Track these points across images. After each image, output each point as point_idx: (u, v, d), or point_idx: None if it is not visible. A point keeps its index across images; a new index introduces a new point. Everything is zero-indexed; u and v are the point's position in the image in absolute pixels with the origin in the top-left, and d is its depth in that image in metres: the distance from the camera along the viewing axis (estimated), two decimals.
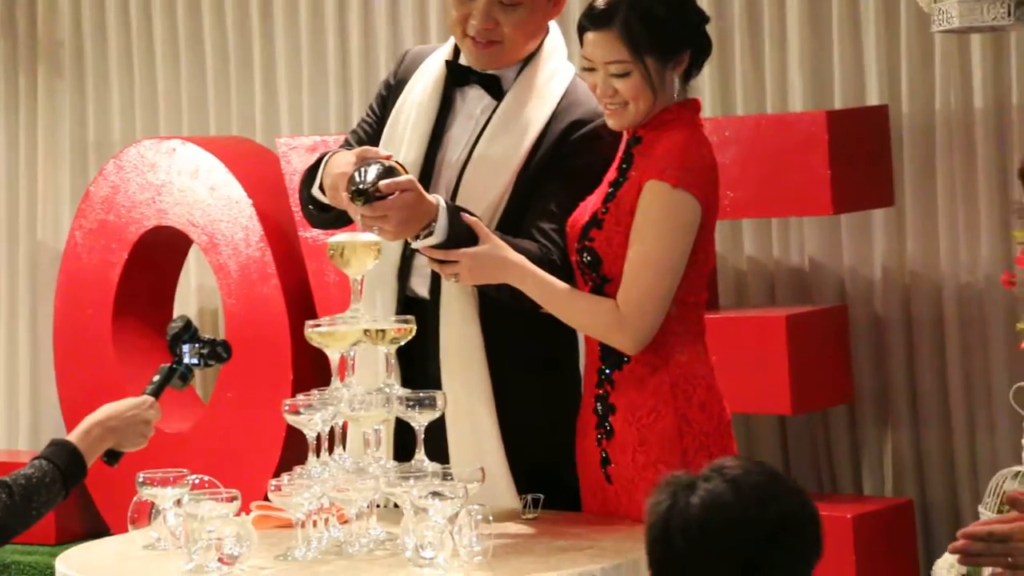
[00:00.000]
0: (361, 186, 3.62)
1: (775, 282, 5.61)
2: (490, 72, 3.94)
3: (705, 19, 3.83)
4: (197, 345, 3.73)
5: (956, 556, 4.54)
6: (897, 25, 5.43)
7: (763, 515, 2.61)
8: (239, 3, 6.48)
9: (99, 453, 3.63)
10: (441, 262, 3.72)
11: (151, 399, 3.74)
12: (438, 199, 3.70)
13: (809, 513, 2.67)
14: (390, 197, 3.60)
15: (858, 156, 5.25)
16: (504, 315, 3.82)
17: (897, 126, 5.41)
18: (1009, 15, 4.52)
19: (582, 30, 3.77)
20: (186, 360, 3.75)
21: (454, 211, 3.71)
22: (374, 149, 3.80)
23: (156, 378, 3.78)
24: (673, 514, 2.64)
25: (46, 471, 3.49)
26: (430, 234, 3.67)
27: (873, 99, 5.46)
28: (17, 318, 6.91)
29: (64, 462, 3.52)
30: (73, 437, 3.59)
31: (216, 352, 3.75)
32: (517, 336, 3.85)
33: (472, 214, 3.75)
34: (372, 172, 3.65)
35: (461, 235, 3.69)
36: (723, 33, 5.55)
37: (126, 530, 3.80)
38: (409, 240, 3.73)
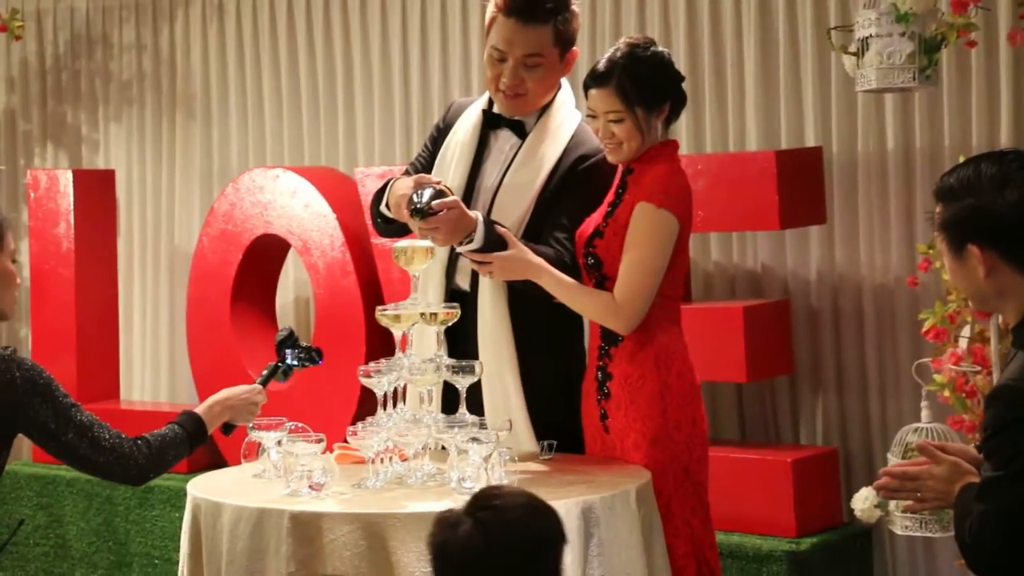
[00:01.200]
0: (418, 205, 3.63)
1: (735, 281, 5.59)
2: (516, 118, 3.94)
3: (681, 78, 3.83)
4: (297, 350, 3.74)
5: (871, 491, 4.56)
6: (829, 85, 5.41)
7: (510, 554, 2.58)
8: (327, 61, 6.48)
9: (218, 424, 3.65)
10: (479, 263, 3.73)
11: (260, 388, 3.75)
12: (477, 215, 3.70)
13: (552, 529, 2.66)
14: (440, 213, 3.61)
15: (799, 185, 5.23)
16: (527, 304, 3.82)
17: (829, 163, 5.39)
18: (914, 79, 4.50)
19: (586, 87, 3.77)
20: (288, 361, 3.77)
21: (489, 224, 3.72)
22: (428, 176, 3.81)
23: (264, 372, 3.81)
24: (443, 548, 2.63)
25: (178, 433, 3.51)
26: (471, 241, 3.68)
27: (811, 141, 5.44)
28: (159, 304, 6.93)
29: (191, 429, 3.54)
30: (199, 410, 3.61)
31: (311, 356, 3.78)
32: (537, 320, 3.85)
33: (503, 226, 3.75)
34: (427, 194, 3.65)
35: (495, 242, 3.70)
36: (696, 88, 5.53)
37: (240, 463, 3.81)
38: (455, 246, 3.74)
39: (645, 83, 3.72)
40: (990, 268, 2.74)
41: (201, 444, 3.58)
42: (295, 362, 3.69)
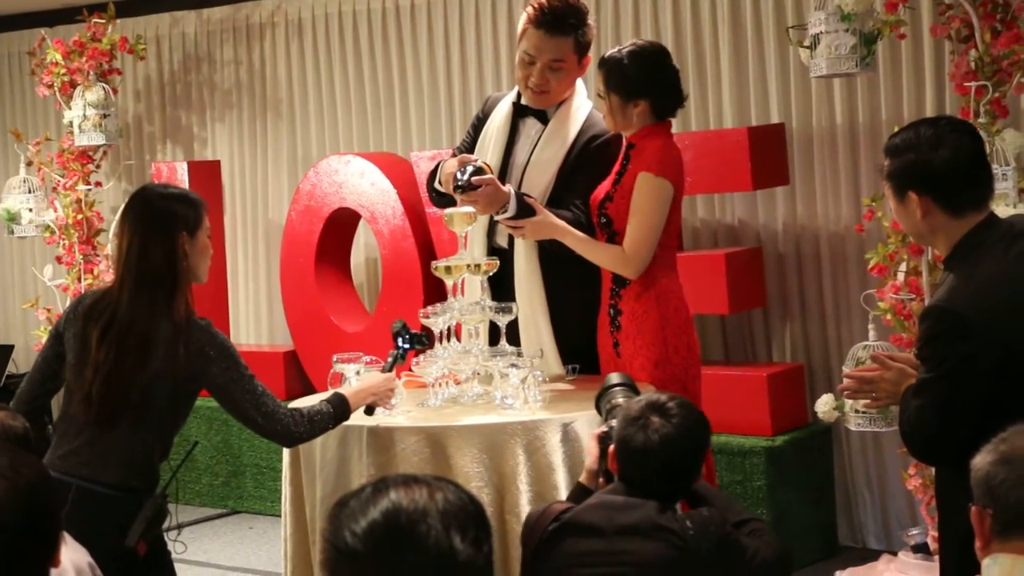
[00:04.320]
0: (460, 182, 3.60)
1: (717, 233, 5.55)
2: (540, 108, 3.89)
3: (670, 87, 3.71)
4: (409, 335, 3.55)
5: (831, 396, 4.53)
6: (789, 73, 5.34)
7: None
8: (386, 66, 6.44)
9: (361, 407, 3.35)
10: (513, 227, 3.70)
11: (392, 375, 3.46)
12: (510, 188, 3.68)
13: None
14: (480, 189, 3.58)
15: (767, 154, 5.18)
16: (554, 258, 3.80)
17: (790, 136, 5.33)
18: (856, 66, 4.45)
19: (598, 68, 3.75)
20: (403, 345, 3.56)
21: (520, 195, 3.70)
22: (469, 156, 3.79)
23: (389, 360, 3.47)
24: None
25: (327, 411, 3.24)
26: (506, 210, 3.65)
27: (775, 119, 5.38)
28: (259, 267, 6.92)
29: (338, 409, 3.27)
30: (348, 393, 3.33)
31: (421, 339, 3.55)
32: (561, 270, 3.82)
33: (531, 197, 3.73)
34: (468, 172, 3.62)
35: (525, 210, 3.68)
36: (682, 78, 5.45)
37: (327, 390, 3.79)
38: (493, 214, 3.71)
39: (622, 78, 3.68)
40: (926, 211, 2.72)
41: (344, 421, 3.28)
42: (407, 345, 3.56)
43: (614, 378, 3.18)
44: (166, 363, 3.08)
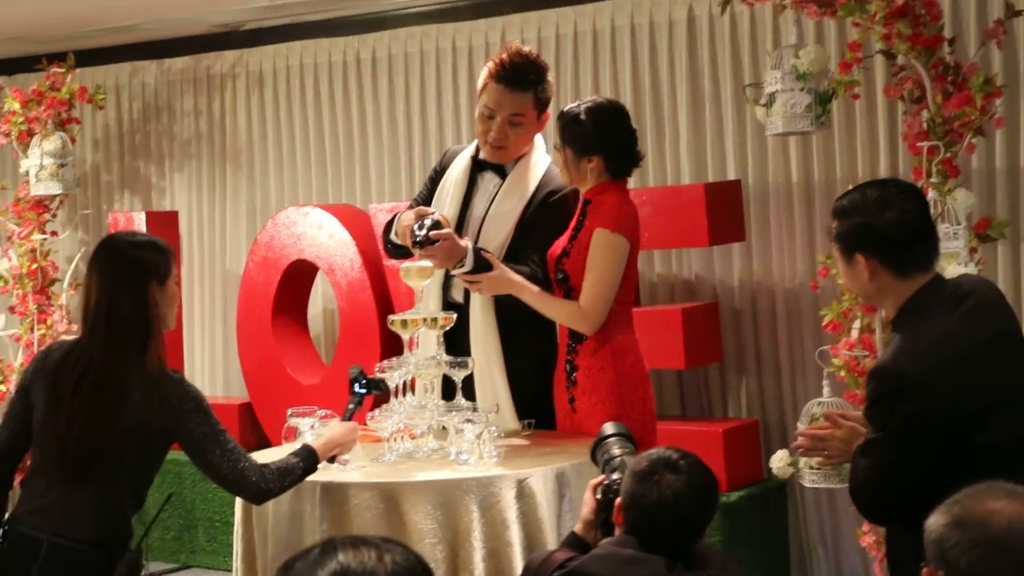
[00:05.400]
0: (419, 237, 3.60)
1: (674, 288, 5.58)
2: (499, 163, 3.92)
3: (623, 145, 3.73)
4: (366, 381, 3.53)
5: (785, 452, 4.54)
6: (746, 130, 5.40)
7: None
8: (345, 118, 6.45)
9: (327, 457, 3.31)
10: (470, 282, 3.71)
11: (357, 425, 3.42)
12: (467, 243, 3.68)
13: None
14: (437, 243, 3.59)
15: (723, 210, 5.22)
16: (510, 313, 3.79)
17: (746, 192, 5.38)
18: (812, 124, 4.50)
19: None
20: (359, 391, 3.54)
21: (477, 250, 3.70)
22: (427, 209, 3.79)
23: (349, 407, 3.46)
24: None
25: (296, 465, 3.20)
26: (463, 265, 3.66)
27: (732, 175, 5.43)
28: (215, 317, 6.88)
29: (307, 463, 3.22)
30: (315, 445, 3.28)
31: (378, 385, 3.55)
32: (517, 325, 3.82)
33: (488, 252, 3.73)
34: (426, 226, 3.62)
35: (482, 264, 3.68)
36: (640, 133, 5.50)
37: (281, 444, 3.77)
38: (450, 268, 3.71)
39: (576, 133, 3.71)
40: (873, 272, 2.75)
41: (311, 473, 3.25)
42: (364, 391, 3.55)
43: (609, 428, 3.14)
44: (140, 416, 3.04)
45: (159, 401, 3.05)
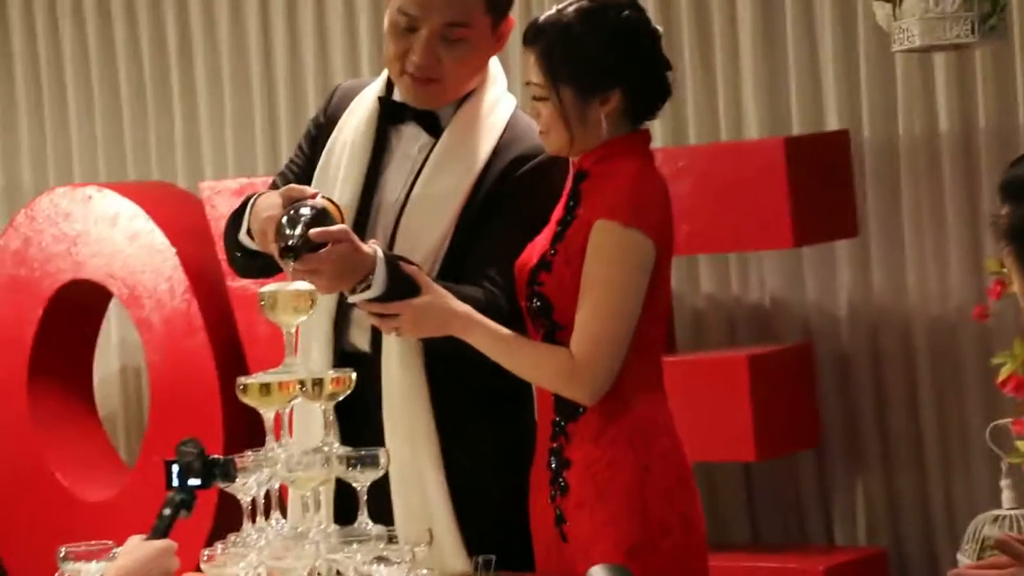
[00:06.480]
0: (291, 241, 3.58)
1: (735, 321, 5.62)
2: (427, 108, 3.94)
3: (656, 61, 3.81)
4: (202, 465, 3.52)
5: None
6: (855, 45, 5.46)
7: None
8: (155, 39, 6.47)
9: None
10: (381, 316, 3.71)
11: (170, 544, 3.34)
12: (375, 249, 3.68)
13: None
14: (322, 249, 3.59)
15: (819, 185, 5.27)
16: (450, 365, 3.81)
17: (859, 152, 5.43)
18: (973, 32, 4.54)
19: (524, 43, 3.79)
20: (193, 483, 3.51)
21: (392, 261, 3.69)
22: (303, 188, 3.77)
23: (166, 513, 3.46)
24: None
25: None
26: (367, 287, 3.65)
27: (832, 124, 5.48)
28: None
29: None
30: None
31: (226, 471, 3.54)
32: (464, 387, 3.84)
33: (412, 262, 3.74)
34: (302, 222, 3.62)
35: (401, 286, 3.67)
36: (672, 57, 5.51)
37: None
38: (346, 292, 3.72)
39: (582, 58, 3.73)
40: None
41: None
42: (199, 482, 3.53)
43: (597, 573, 3.21)
44: None
45: None
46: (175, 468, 3.43)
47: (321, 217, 3.65)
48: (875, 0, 4.72)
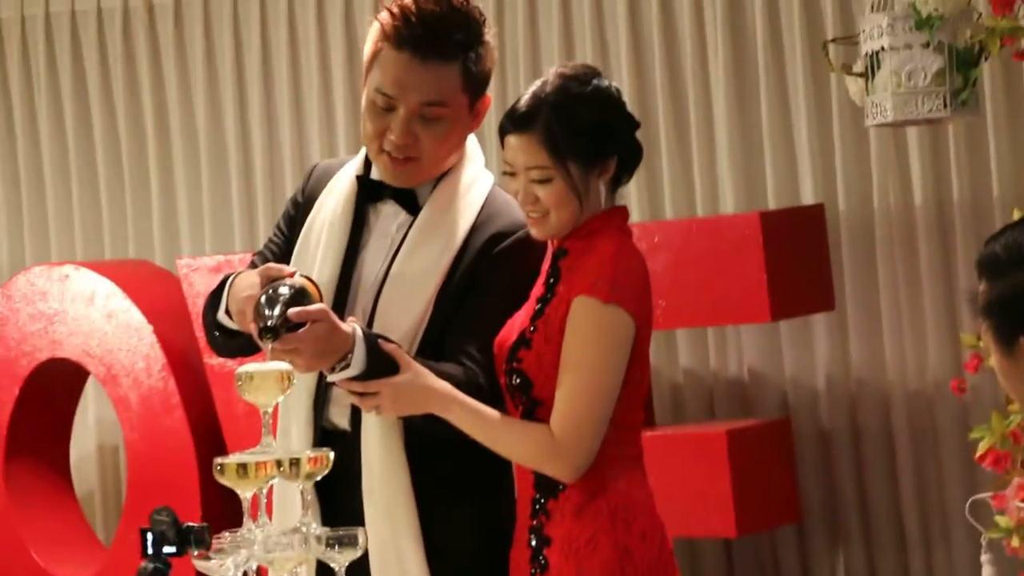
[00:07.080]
0: (270, 322, 3.58)
1: (713, 395, 5.61)
2: (405, 187, 3.93)
3: (635, 125, 3.83)
4: (177, 533, 3.49)
5: None
6: (830, 120, 5.47)
7: None
8: (132, 117, 6.46)
9: None
10: (361, 394, 3.70)
11: None
12: (354, 328, 3.68)
13: None
14: (301, 329, 3.58)
15: (795, 258, 5.27)
16: (430, 444, 3.80)
17: (834, 226, 5.44)
18: (946, 107, 4.54)
19: (503, 132, 3.76)
20: (168, 550, 3.49)
21: (372, 340, 3.69)
22: (278, 266, 3.77)
23: None
24: None
25: None
26: (347, 366, 3.66)
27: (808, 198, 5.49)
28: None
29: None
30: None
31: (200, 537, 3.52)
32: (445, 466, 3.82)
33: (391, 340, 3.74)
34: (280, 302, 3.61)
35: (380, 365, 3.67)
36: (648, 132, 5.57)
37: None
38: (325, 371, 3.71)
39: (582, 129, 3.73)
40: None
41: None
42: (174, 549, 3.50)
43: None
44: None
45: None
46: (149, 536, 3.42)
47: (300, 296, 3.64)
48: (848, 75, 4.72)
